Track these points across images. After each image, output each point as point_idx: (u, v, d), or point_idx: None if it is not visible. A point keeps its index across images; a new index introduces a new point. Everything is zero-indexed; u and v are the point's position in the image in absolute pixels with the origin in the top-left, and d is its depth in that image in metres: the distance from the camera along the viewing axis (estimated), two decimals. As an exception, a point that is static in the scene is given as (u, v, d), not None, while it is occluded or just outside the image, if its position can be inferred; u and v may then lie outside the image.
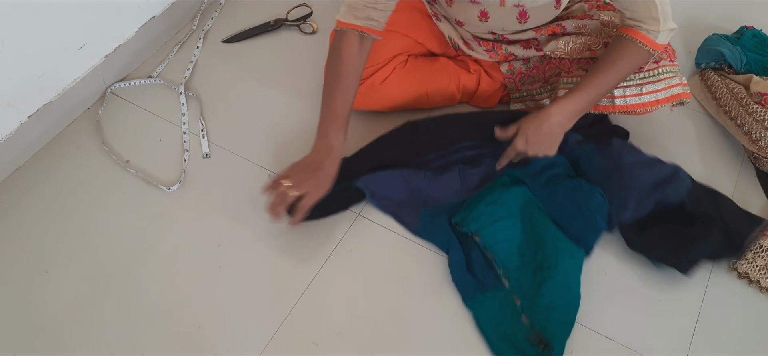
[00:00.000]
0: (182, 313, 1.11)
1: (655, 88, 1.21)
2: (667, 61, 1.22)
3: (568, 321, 1.07)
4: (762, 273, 1.15)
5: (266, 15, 1.65)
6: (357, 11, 1.14)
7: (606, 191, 1.16)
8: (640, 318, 1.12)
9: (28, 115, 1.31)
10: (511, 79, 1.37)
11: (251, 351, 1.07)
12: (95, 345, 1.07)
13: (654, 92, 1.22)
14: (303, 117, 1.42)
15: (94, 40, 1.39)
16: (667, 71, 1.21)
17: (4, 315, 1.11)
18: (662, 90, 1.21)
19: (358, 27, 1.14)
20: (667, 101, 1.22)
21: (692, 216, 1.16)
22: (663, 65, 1.21)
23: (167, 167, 1.33)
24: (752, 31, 1.50)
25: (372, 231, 1.22)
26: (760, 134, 1.27)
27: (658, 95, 1.21)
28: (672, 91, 1.22)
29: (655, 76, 1.21)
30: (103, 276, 1.16)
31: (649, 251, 1.16)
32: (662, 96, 1.21)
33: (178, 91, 1.46)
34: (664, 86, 1.21)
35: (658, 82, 1.21)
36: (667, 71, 1.21)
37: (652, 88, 1.22)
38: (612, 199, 1.15)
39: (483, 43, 1.33)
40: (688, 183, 1.21)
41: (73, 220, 1.23)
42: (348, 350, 1.08)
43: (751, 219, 1.19)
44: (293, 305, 1.12)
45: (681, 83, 1.23)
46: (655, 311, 1.13)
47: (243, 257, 1.18)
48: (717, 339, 1.10)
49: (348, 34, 1.15)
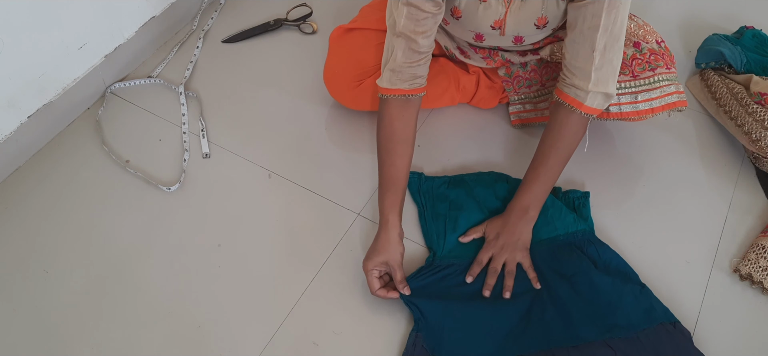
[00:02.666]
0: (182, 313, 1.11)
1: (650, 96, 1.20)
2: (663, 69, 1.20)
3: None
4: (765, 273, 1.15)
5: (266, 15, 1.65)
6: (402, 75, 1.11)
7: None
8: (641, 318, 1.12)
9: (28, 115, 1.31)
10: (508, 83, 1.37)
11: (251, 351, 1.07)
12: (95, 345, 1.07)
13: (649, 100, 1.20)
14: (303, 117, 1.42)
15: (94, 40, 1.39)
16: (663, 79, 1.20)
17: (5, 315, 1.11)
18: (657, 98, 1.20)
19: (406, 92, 1.12)
20: (662, 109, 1.20)
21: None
22: (659, 73, 1.20)
23: (167, 167, 1.33)
24: (752, 31, 1.50)
25: (372, 231, 1.22)
26: (760, 134, 1.27)
27: (653, 102, 1.20)
28: (667, 99, 1.20)
29: (650, 84, 1.20)
30: (103, 275, 1.16)
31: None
32: (657, 105, 1.20)
33: (178, 91, 1.46)
34: (660, 95, 1.20)
35: (653, 89, 1.20)
36: (663, 79, 1.20)
37: (646, 96, 1.20)
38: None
39: (479, 50, 1.33)
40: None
41: (73, 220, 1.23)
42: (348, 350, 1.08)
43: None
44: (293, 305, 1.12)
45: (677, 92, 1.21)
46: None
47: (243, 257, 1.18)
48: (717, 340, 1.10)
49: (396, 99, 1.13)
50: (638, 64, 1.19)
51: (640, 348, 1.03)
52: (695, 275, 1.18)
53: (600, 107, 1.11)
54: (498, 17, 1.16)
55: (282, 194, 1.28)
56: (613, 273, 1.13)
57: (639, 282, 1.13)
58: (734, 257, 1.20)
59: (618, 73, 1.10)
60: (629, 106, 1.20)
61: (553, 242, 1.18)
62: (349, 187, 1.29)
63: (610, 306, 1.08)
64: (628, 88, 1.20)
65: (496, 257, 1.14)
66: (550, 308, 1.09)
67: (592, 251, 1.16)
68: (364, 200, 1.27)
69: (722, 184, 1.32)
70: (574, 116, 1.12)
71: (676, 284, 1.16)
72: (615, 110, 1.21)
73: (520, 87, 1.37)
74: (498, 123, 1.42)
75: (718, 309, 1.13)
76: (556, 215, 1.20)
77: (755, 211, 1.27)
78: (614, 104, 1.20)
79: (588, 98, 1.09)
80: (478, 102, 1.42)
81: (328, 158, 1.34)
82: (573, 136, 1.14)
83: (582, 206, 1.25)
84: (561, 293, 1.11)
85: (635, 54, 1.20)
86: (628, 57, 1.20)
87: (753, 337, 1.10)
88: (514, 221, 1.15)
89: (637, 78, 1.20)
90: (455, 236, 1.19)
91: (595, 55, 1.06)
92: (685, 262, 1.19)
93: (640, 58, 1.20)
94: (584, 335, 1.05)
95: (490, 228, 1.17)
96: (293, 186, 1.29)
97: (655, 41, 1.23)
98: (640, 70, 1.19)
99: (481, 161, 1.34)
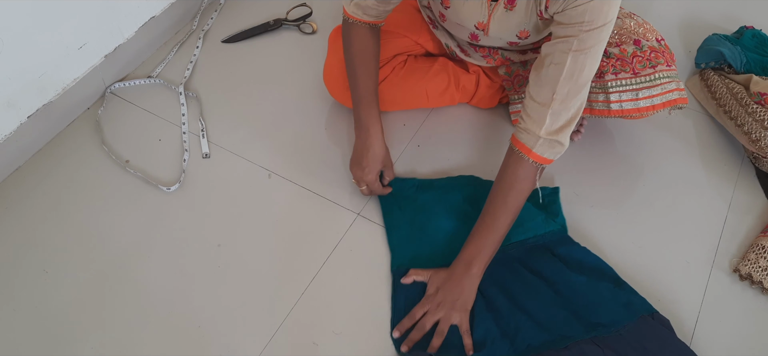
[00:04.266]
0: (182, 313, 1.11)
1: (652, 93, 1.20)
2: (664, 67, 1.20)
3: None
4: (764, 273, 1.15)
5: (266, 15, 1.65)
6: (368, 11, 1.18)
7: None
8: (640, 318, 1.12)
9: (28, 115, 1.30)
10: (508, 82, 1.37)
11: (251, 351, 1.07)
12: (95, 345, 1.07)
13: (650, 98, 1.20)
14: (303, 117, 1.42)
15: (94, 40, 1.39)
16: (664, 76, 1.20)
17: (5, 315, 1.11)
18: (659, 95, 1.20)
19: (368, 22, 1.20)
20: (663, 106, 1.20)
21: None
22: (660, 70, 1.20)
23: (167, 167, 1.33)
24: (752, 31, 1.50)
25: (372, 231, 1.22)
26: (760, 134, 1.27)
27: (654, 99, 1.20)
28: (668, 96, 1.20)
29: (652, 81, 1.20)
30: (103, 275, 1.16)
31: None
32: (659, 101, 1.20)
33: (178, 91, 1.46)
34: (661, 92, 1.20)
35: (654, 87, 1.20)
36: (664, 76, 1.20)
37: (648, 93, 1.20)
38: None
39: (479, 49, 1.33)
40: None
41: (73, 220, 1.23)
42: (348, 350, 1.08)
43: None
44: (293, 305, 1.12)
45: (678, 89, 1.21)
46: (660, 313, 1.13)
47: (243, 257, 1.18)
48: (717, 340, 1.10)
49: (358, 25, 1.20)
50: (639, 61, 1.20)
51: (624, 344, 1.04)
52: (695, 275, 1.18)
53: (550, 157, 1.07)
54: (482, 20, 1.17)
55: (282, 194, 1.28)
56: (587, 271, 1.14)
57: (614, 276, 1.14)
58: (734, 257, 1.21)
59: (573, 125, 1.06)
60: (630, 103, 1.20)
61: (524, 245, 1.17)
62: (349, 187, 1.29)
63: (591, 305, 1.09)
64: (630, 85, 1.20)
65: (429, 315, 1.07)
66: (535, 311, 1.08)
67: (563, 251, 1.16)
68: (364, 200, 1.27)
69: (722, 184, 1.32)
70: (523, 163, 1.08)
71: (676, 284, 1.16)
72: (616, 108, 1.21)
73: (520, 86, 1.37)
74: (498, 123, 1.42)
75: (718, 309, 1.13)
76: (526, 216, 1.19)
77: (755, 211, 1.27)
78: (615, 101, 1.20)
79: (538, 145, 1.06)
80: (478, 102, 1.42)
81: (328, 158, 1.34)
82: (521, 185, 1.09)
83: (551, 203, 1.24)
84: (543, 294, 1.10)
85: (636, 51, 1.20)
86: (628, 54, 1.20)
87: (753, 337, 1.11)
88: (458, 277, 1.09)
89: (638, 75, 1.20)
90: (418, 245, 1.18)
91: (555, 98, 1.03)
92: (684, 262, 1.19)
93: (641, 55, 1.20)
94: (571, 334, 1.06)
95: (433, 280, 1.11)
96: (293, 186, 1.29)
97: (655, 39, 1.23)
98: (640, 68, 1.19)
99: (481, 162, 1.34)
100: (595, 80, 1.20)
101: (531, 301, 1.10)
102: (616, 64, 1.20)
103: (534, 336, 1.06)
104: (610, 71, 1.20)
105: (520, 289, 1.11)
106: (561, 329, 1.06)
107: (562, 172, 1.31)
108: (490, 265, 1.12)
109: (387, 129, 1.38)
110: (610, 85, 1.20)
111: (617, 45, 1.22)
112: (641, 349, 1.03)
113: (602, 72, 1.21)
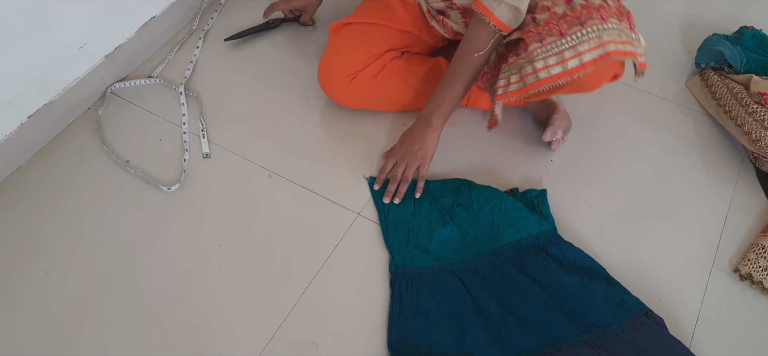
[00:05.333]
0: (182, 313, 1.11)
1: (578, 50, 1.08)
2: (596, 21, 1.08)
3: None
4: (765, 273, 1.15)
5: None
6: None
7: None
8: (640, 318, 1.12)
9: (28, 115, 1.31)
10: (481, 81, 1.36)
11: (251, 351, 1.07)
12: (95, 345, 1.07)
13: (577, 56, 1.08)
14: (303, 117, 1.42)
15: (94, 40, 1.39)
16: (595, 31, 1.08)
17: (5, 315, 1.11)
18: (587, 51, 1.08)
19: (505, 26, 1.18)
20: (594, 62, 1.08)
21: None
22: (590, 25, 1.08)
23: (167, 167, 1.33)
24: (752, 31, 1.50)
25: (372, 231, 1.22)
26: (760, 134, 1.27)
27: (582, 57, 1.08)
28: (602, 49, 1.07)
29: (579, 38, 1.08)
30: (103, 275, 1.16)
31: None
32: (588, 58, 1.08)
33: (178, 91, 1.46)
34: (589, 47, 1.08)
35: (581, 44, 1.08)
36: (595, 31, 1.08)
37: (572, 52, 1.09)
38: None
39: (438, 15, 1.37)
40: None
41: (73, 220, 1.23)
42: (348, 350, 1.08)
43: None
44: (293, 305, 1.12)
45: (620, 42, 1.08)
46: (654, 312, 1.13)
47: (243, 257, 1.18)
48: (717, 340, 1.10)
49: (490, 26, 1.17)
50: (566, 21, 1.10)
51: (619, 344, 1.04)
52: (695, 275, 1.18)
53: (509, 24, 1.14)
54: None
55: (282, 194, 1.28)
56: (580, 271, 1.14)
57: (606, 276, 1.13)
58: (734, 257, 1.21)
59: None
60: (558, 67, 1.10)
61: (518, 246, 1.17)
62: (349, 187, 1.29)
63: (584, 306, 1.08)
64: (554, 48, 1.10)
65: (398, 166, 1.25)
66: (527, 316, 1.08)
67: (556, 251, 1.16)
68: (364, 200, 1.27)
69: (722, 184, 1.32)
70: (482, 26, 1.16)
71: (676, 284, 1.16)
72: (544, 75, 1.11)
73: (488, 83, 1.36)
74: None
75: (718, 309, 1.13)
76: (518, 217, 1.19)
77: (755, 211, 1.27)
78: (542, 68, 1.11)
79: (498, 9, 1.13)
80: (476, 103, 1.42)
81: (328, 158, 1.34)
82: (480, 46, 1.17)
83: (541, 205, 1.25)
84: (536, 298, 1.10)
85: (566, 11, 1.11)
86: (557, 16, 1.11)
87: (753, 337, 1.11)
88: (418, 130, 1.25)
89: (564, 35, 1.09)
90: (417, 243, 1.18)
91: None
92: (685, 262, 1.20)
93: (571, 14, 1.11)
94: (564, 337, 1.05)
95: (400, 138, 1.28)
96: (293, 186, 1.29)
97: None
98: (567, 27, 1.10)
99: (480, 162, 1.34)
100: (524, 55, 1.14)
101: (524, 306, 1.09)
102: (543, 30, 1.12)
103: (526, 341, 1.05)
104: (535, 39, 1.12)
105: (512, 294, 1.11)
106: (554, 332, 1.06)
107: (562, 172, 1.32)
108: (484, 270, 1.13)
109: (387, 129, 1.38)
110: (535, 54, 1.12)
111: (548, 9, 1.13)
112: (636, 349, 1.03)
113: (527, 45, 1.13)
